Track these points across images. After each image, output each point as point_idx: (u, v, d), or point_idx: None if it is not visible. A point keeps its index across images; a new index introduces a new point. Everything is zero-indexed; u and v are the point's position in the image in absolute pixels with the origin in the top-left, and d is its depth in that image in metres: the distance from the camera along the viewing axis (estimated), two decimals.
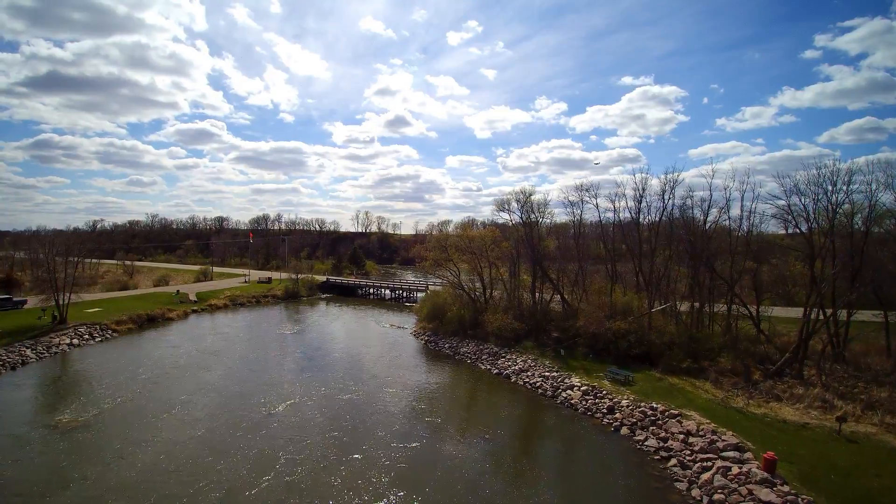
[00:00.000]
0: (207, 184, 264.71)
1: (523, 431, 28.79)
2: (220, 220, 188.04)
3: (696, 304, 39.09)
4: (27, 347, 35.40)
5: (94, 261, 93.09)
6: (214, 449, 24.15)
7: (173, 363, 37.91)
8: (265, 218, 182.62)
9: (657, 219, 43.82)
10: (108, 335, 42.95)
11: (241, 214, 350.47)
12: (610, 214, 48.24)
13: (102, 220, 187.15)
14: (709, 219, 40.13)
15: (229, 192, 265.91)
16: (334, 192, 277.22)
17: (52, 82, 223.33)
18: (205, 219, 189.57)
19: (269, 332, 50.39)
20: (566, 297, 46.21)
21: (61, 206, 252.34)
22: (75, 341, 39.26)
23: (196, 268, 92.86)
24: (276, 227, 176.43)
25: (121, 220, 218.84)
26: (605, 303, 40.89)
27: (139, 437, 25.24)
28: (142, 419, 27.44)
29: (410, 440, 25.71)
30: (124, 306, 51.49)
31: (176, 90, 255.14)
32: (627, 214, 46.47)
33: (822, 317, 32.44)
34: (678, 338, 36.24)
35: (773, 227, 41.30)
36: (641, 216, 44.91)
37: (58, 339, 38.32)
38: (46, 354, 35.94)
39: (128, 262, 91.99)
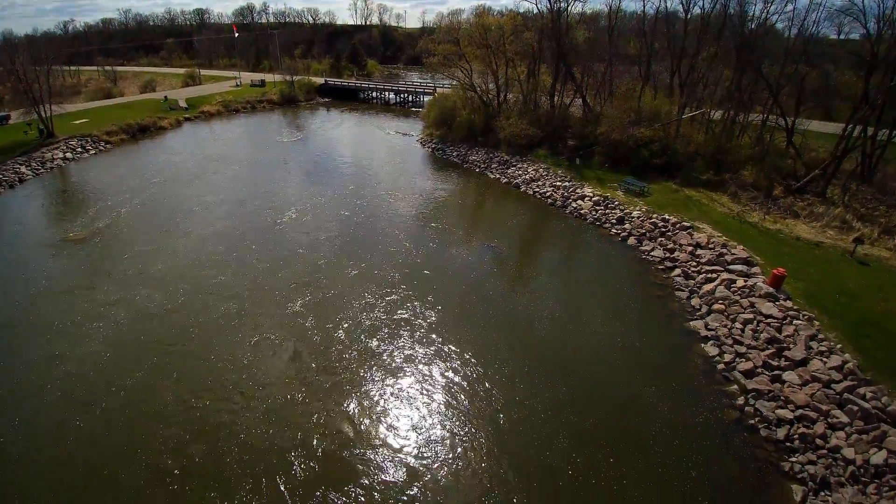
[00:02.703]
0: None
1: (529, 239, 29.20)
2: (201, 12, 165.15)
3: (730, 113, 35.18)
4: (21, 164, 34.23)
5: (73, 68, 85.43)
6: (234, 245, 25.68)
7: (180, 169, 37.67)
8: (250, 9, 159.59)
9: (711, 7, 36.33)
10: (101, 147, 41.30)
11: (223, 6, 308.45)
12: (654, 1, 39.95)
13: (74, 20, 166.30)
14: (771, 8, 33.10)
15: None
16: None
17: None
18: (183, 12, 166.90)
19: (271, 140, 48.51)
20: (588, 100, 41.76)
21: (29, 9, 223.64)
22: (69, 155, 37.87)
23: (182, 71, 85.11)
24: (263, 21, 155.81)
25: (93, 19, 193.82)
26: (631, 108, 36.86)
27: (162, 236, 26.64)
28: (160, 220, 28.56)
29: (418, 244, 26.40)
30: (112, 116, 48.47)
31: None
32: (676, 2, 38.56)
33: (865, 134, 29.14)
34: (704, 148, 33.52)
35: (825, 30, 35.04)
36: (692, 3, 37.24)
37: (51, 154, 36.90)
38: (42, 170, 35.02)
39: (108, 68, 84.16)
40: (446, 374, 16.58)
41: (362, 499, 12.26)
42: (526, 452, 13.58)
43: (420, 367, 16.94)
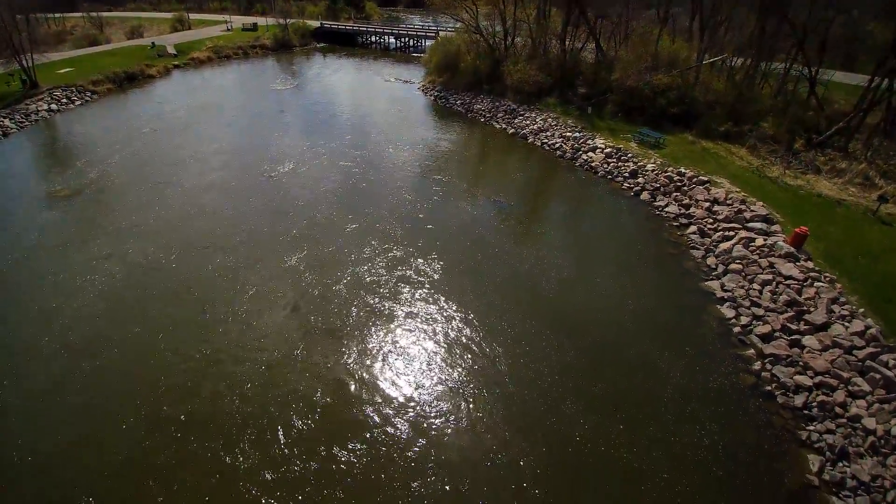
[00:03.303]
0: None
1: (537, 193, 28.21)
2: None
3: (752, 60, 32.82)
4: (4, 117, 32.46)
5: (56, 15, 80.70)
6: (230, 197, 24.83)
7: (171, 119, 36.17)
8: None
9: None
10: (87, 97, 39.21)
11: None
12: None
13: None
14: None
15: None
16: None
17: None
18: None
19: (265, 88, 46.26)
20: (602, 45, 39.09)
21: None
22: (54, 106, 35.97)
23: (170, 15, 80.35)
24: None
25: None
26: (647, 52, 34.44)
27: (154, 187, 25.66)
28: (152, 172, 27.46)
29: (421, 197, 25.46)
30: (98, 64, 45.85)
31: None
32: None
33: (892, 87, 27.00)
34: (724, 97, 31.45)
35: None
36: None
37: (35, 106, 35.06)
38: (27, 123, 33.37)
39: (94, 14, 79.38)
40: (450, 333, 16.06)
41: (364, 456, 12.02)
42: (532, 417, 13.21)
43: (423, 325, 16.42)
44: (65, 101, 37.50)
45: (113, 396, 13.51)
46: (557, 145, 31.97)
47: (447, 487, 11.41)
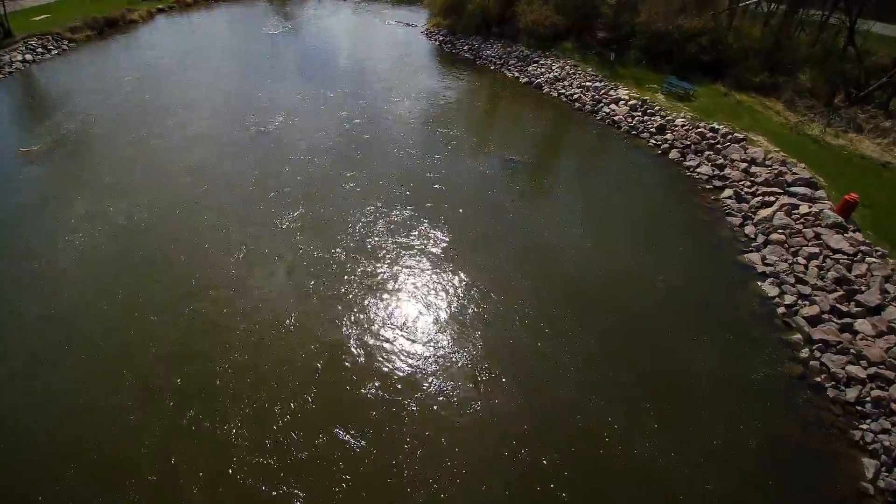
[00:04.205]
0: None
1: (554, 150, 26.33)
2: None
3: (787, 6, 29.51)
4: None
5: None
6: (219, 150, 22.98)
7: (156, 67, 33.41)
8: None
9: None
10: (65, 45, 36.15)
11: None
12: None
13: None
14: None
15: None
16: None
17: None
18: None
19: (256, 32, 42.65)
20: None
21: None
22: (29, 56, 33.11)
23: None
24: None
25: None
26: None
27: (138, 141, 23.55)
28: (135, 124, 25.23)
29: (427, 153, 23.61)
30: (75, 9, 42.20)
31: None
32: None
33: None
34: (760, 44, 28.37)
35: None
36: None
37: (9, 57, 32.18)
38: (1, 76, 30.92)
39: None
40: (460, 310, 14.68)
41: (367, 445, 10.99)
42: (554, 410, 12.02)
43: (430, 299, 15.05)
44: (41, 50, 34.53)
45: (99, 368, 12.44)
46: (576, 96, 29.43)
47: (461, 485, 10.38)
